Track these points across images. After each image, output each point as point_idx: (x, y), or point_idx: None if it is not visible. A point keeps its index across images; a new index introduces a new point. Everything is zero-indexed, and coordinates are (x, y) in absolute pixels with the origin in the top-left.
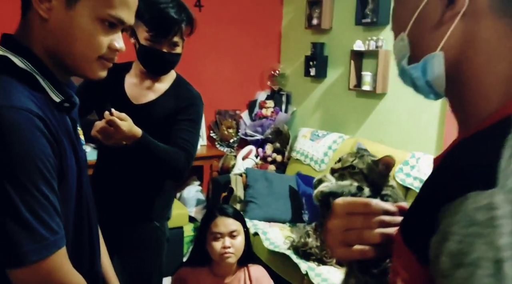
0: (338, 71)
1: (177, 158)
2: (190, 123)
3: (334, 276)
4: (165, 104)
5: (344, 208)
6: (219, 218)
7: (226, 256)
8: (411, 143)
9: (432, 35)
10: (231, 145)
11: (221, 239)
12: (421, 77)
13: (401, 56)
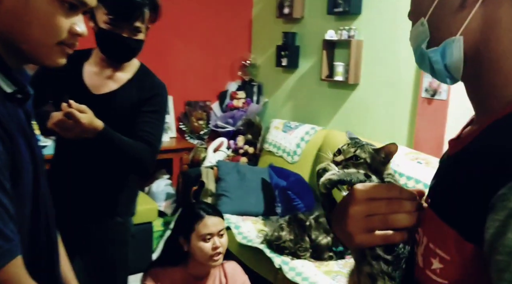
0: (310, 62)
1: (142, 151)
2: (154, 115)
3: (308, 270)
4: (128, 94)
5: (366, 194)
6: (207, 218)
7: (215, 258)
8: (383, 134)
9: (453, 19)
10: (201, 137)
11: (211, 239)
12: (440, 61)
13: (419, 41)
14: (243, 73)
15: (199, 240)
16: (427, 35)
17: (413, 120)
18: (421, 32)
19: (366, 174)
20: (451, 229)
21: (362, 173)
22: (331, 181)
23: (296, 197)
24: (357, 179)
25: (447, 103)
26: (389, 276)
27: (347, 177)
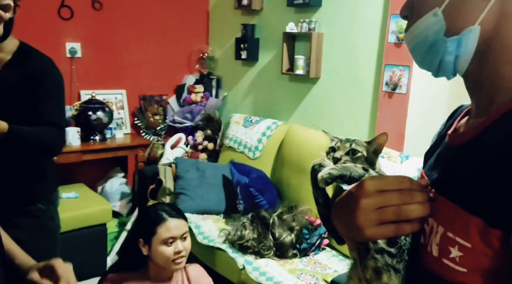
0: (270, 55)
1: (49, 136)
2: (50, 94)
3: (273, 269)
4: (8, 76)
5: (377, 186)
6: (170, 221)
7: (178, 262)
8: (344, 128)
9: (471, 9)
10: (158, 133)
11: (174, 243)
12: (454, 51)
13: (433, 31)
14: (201, 66)
15: (161, 244)
16: (443, 25)
17: (374, 114)
18: (433, 23)
19: (364, 168)
20: (475, 217)
21: (360, 167)
22: (331, 176)
23: (259, 194)
24: (356, 173)
25: (407, 97)
26: (394, 269)
27: (346, 172)
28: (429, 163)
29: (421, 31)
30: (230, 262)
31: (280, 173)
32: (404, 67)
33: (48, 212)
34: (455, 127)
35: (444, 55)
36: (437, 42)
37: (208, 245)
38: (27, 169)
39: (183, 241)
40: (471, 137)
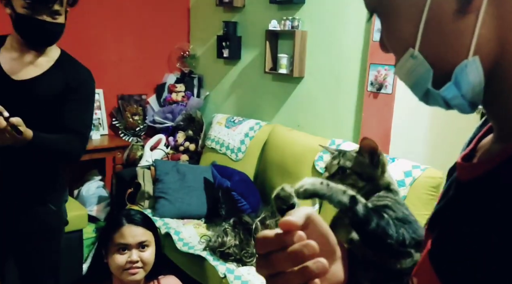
0: (253, 53)
1: (71, 145)
2: (82, 103)
3: (255, 278)
4: (51, 81)
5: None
6: (126, 227)
7: (131, 272)
8: (329, 129)
9: (456, 38)
10: (137, 134)
11: (127, 251)
12: (458, 95)
13: (417, 77)
14: (181, 65)
15: (114, 251)
16: (428, 69)
17: (359, 114)
18: (414, 66)
19: (353, 199)
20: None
21: (349, 194)
22: (305, 192)
23: (241, 198)
24: (336, 199)
25: (393, 97)
26: None
27: (327, 192)
28: (446, 186)
29: (406, 76)
30: (210, 270)
31: (263, 175)
32: (390, 67)
33: (58, 212)
34: (473, 146)
35: (447, 102)
36: (430, 92)
37: (188, 252)
38: (44, 169)
39: (142, 251)
40: (481, 172)
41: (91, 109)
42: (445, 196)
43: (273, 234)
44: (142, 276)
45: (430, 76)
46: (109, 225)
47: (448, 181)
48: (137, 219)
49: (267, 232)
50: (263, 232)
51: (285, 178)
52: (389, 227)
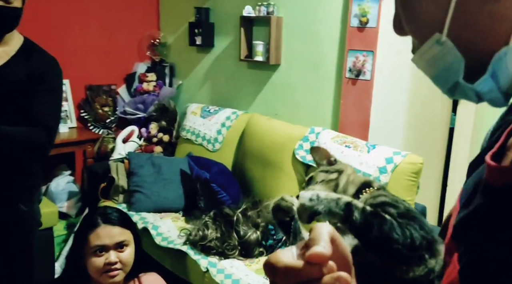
0: (227, 40)
1: (35, 137)
2: (48, 93)
3: (239, 270)
4: (14, 70)
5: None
6: (102, 227)
7: (110, 275)
8: (308, 117)
9: (492, 22)
10: (108, 126)
11: (105, 253)
12: (494, 89)
13: (444, 67)
14: (152, 53)
15: (90, 253)
16: (459, 59)
17: (337, 101)
18: (441, 54)
19: (349, 206)
20: None
21: (344, 201)
22: (305, 210)
23: (221, 189)
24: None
25: (371, 83)
26: None
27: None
28: (468, 184)
29: (429, 65)
30: (192, 265)
31: (242, 166)
32: (368, 53)
33: (30, 212)
34: (502, 143)
35: (480, 95)
36: (460, 85)
37: (167, 247)
38: (8, 169)
39: (120, 251)
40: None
41: (59, 99)
42: (470, 200)
43: (300, 264)
44: (122, 277)
45: (462, 67)
46: (83, 225)
47: (472, 181)
48: (114, 218)
49: (291, 262)
50: (285, 261)
51: (265, 168)
52: (394, 230)
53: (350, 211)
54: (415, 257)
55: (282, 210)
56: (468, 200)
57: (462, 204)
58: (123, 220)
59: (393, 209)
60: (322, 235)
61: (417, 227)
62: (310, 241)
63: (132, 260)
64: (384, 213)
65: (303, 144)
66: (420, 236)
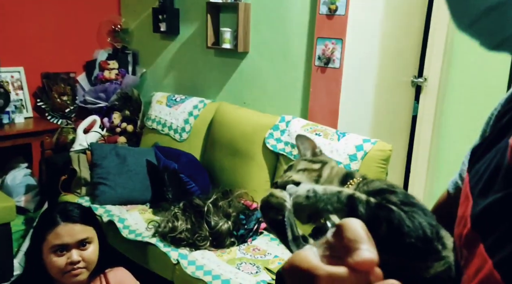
0: (193, 27)
1: None
2: None
3: (210, 262)
4: None
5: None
6: (62, 226)
7: (74, 274)
8: (277, 106)
9: None
10: (67, 115)
11: (66, 252)
12: None
13: None
14: (113, 40)
15: (50, 253)
16: None
17: (307, 90)
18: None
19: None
20: None
21: (346, 193)
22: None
23: (190, 180)
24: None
25: (340, 71)
26: None
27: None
28: (477, 172)
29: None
30: (162, 257)
31: (211, 156)
32: (337, 40)
33: None
34: None
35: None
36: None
37: (135, 240)
38: None
39: (82, 249)
40: None
41: None
42: (488, 188)
43: (345, 272)
44: (86, 276)
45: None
46: (41, 224)
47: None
48: (75, 215)
49: (334, 270)
50: (327, 269)
51: (234, 158)
52: (404, 222)
53: (354, 205)
54: (431, 250)
55: (273, 208)
56: (485, 188)
57: (478, 193)
58: (85, 216)
59: (394, 196)
60: (361, 234)
61: (421, 214)
62: (349, 242)
63: (96, 257)
64: (387, 202)
65: (273, 132)
66: (428, 224)
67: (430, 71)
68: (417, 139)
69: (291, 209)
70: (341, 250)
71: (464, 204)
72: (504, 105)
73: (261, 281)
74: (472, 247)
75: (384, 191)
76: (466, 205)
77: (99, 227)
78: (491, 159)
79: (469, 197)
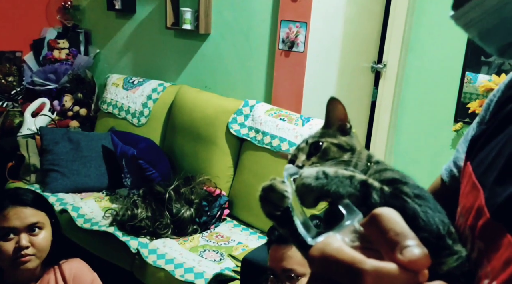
0: (151, 6)
1: None
2: None
3: (172, 250)
4: None
5: None
6: (10, 208)
7: (22, 261)
8: (240, 90)
9: None
10: (13, 98)
11: (14, 237)
12: None
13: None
14: (63, 17)
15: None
16: None
17: (270, 74)
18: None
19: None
20: None
21: (359, 178)
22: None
23: (149, 166)
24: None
25: (305, 55)
26: None
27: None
28: (483, 160)
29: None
30: (120, 247)
31: (171, 141)
32: (301, 24)
33: None
34: None
35: None
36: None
37: (91, 230)
38: None
39: (32, 235)
40: None
41: None
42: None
43: (395, 269)
44: (36, 264)
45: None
46: None
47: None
48: (25, 198)
49: (383, 265)
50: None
51: (196, 143)
52: (418, 215)
53: (367, 192)
54: (444, 246)
55: (272, 203)
56: (502, 176)
57: (493, 181)
58: (37, 200)
59: (407, 187)
60: (405, 227)
61: (434, 209)
62: (396, 236)
63: (48, 245)
64: (400, 193)
65: (236, 117)
66: (441, 222)
67: (389, 57)
68: (376, 125)
69: (296, 193)
70: (381, 243)
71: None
72: (505, 91)
73: (225, 268)
74: (494, 238)
75: (397, 181)
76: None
77: (52, 214)
78: (501, 147)
79: (478, 187)
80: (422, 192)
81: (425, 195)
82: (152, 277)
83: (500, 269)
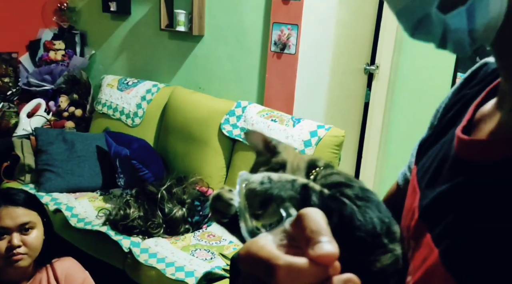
0: (146, 7)
1: None
2: None
3: (163, 249)
4: None
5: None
6: (2, 208)
7: (14, 260)
8: (233, 91)
9: None
10: (9, 98)
11: (6, 236)
12: (464, 29)
13: None
14: (59, 19)
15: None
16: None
17: (263, 75)
18: None
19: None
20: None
21: (300, 183)
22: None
23: (142, 166)
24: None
25: (296, 57)
26: None
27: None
28: (424, 164)
29: None
30: (113, 246)
31: (165, 141)
32: (293, 26)
33: None
34: (470, 116)
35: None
36: (431, 17)
37: (84, 229)
38: None
39: (24, 234)
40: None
41: None
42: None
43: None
44: (28, 262)
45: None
46: None
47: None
48: (17, 198)
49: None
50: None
51: (189, 144)
52: (355, 215)
53: (307, 195)
54: (379, 244)
55: (219, 211)
56: (432, 179)
57: (425, 184)
58: (29, 200)
59: (349, 190)
60: (322, 225)
61: (375, 209)
62: (311, 233)
63: (40, 244)
64: (341, 195)
65: (229, 118)
66: (379, 220)
67: (381, 59)
68: (369, 126)
69: (244, 197)
70: (301, 240)
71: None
72: (451, 98)
73: (216, 267)
74: (419, 237)
75: (341, 185)
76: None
77: (44, 213)
78: (438, 152)
79: (416, 190)
80: (365, 194)
81: (369, 197)
82: (144, 275)
83: (418, 267)
